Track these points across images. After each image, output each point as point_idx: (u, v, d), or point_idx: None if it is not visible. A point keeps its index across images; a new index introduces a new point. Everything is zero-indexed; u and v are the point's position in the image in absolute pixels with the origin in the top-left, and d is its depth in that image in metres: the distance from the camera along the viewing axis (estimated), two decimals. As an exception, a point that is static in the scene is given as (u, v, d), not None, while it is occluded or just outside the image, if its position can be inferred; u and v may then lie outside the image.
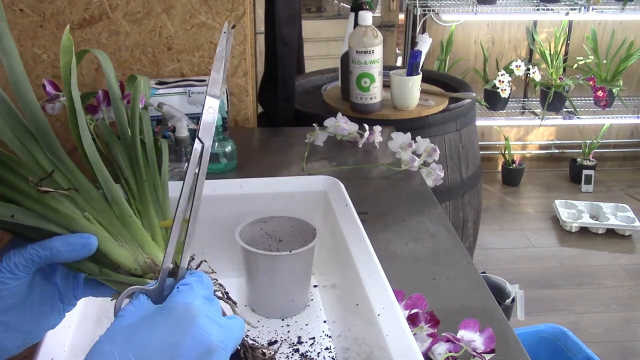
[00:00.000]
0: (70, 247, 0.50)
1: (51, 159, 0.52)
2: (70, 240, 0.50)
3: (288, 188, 0.99)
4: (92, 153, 0.56)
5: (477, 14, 3.04)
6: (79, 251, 0.51)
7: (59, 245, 0.50)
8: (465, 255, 1.05)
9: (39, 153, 0.52)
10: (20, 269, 0.49)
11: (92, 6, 1.44)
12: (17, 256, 0.49)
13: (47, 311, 0.54)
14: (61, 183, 0.52)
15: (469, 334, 0.79)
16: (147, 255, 0.56)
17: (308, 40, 2.53)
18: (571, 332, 1.75)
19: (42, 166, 0.52)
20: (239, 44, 1.52)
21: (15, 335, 0.51)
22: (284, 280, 0.88)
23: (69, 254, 0.50)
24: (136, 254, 0.55)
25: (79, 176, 0.54)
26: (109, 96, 0.67)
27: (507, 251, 2.88)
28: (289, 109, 1.77)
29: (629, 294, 2.60)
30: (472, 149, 1.95)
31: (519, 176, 3.50)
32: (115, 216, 0.55)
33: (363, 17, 1.68)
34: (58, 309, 0.55)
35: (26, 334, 0.52)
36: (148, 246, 0.56)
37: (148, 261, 0.56)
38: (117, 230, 0.55)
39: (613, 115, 3.36)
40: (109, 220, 0.55)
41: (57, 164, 0.52)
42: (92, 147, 0.56)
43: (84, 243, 0.51)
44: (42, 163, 0.52)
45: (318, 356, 0.83)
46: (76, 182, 0.53)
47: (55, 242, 0.50)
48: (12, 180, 0.51)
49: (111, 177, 0.57)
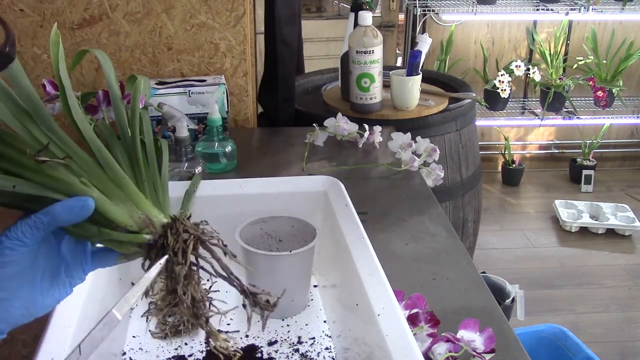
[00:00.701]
0: (70, 210, 0.54)
1: (46, 133, 0.56)
2: (68, 203, 0.54)
3: (288, 188, 0.99)
4: (84, 125, 0.59)
5: (477, 14, 3.04)
6: (77, 213, 0.54)
7: (59, 209, 0.53)
8: (465, 255, 1.05)
9: (34, 128, 0.56)
10: (27, 236, 0.53)
11: (92, 6, 1.44)
12: (22, 225, 0.53)
13: (51, 282, 0.57)
14: (57, 153, 0.56)
15: (469, 334, 0.79)
16: (141, 211, 0.59)
17: (308, 40, 2.53)
18: (571, 332, 1.75)
19: (38, 140, 0.56)
20: (239, 44, 1.52)
21: (20, 304, 0.54)
22: (284, 280, 0.88)
23: (68, 215, 0.54)
24: (131, 211, 0.59)
25: (73, 146, 0.57)
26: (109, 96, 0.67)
27: (507, 251, 2.88)
28: (289, 109, 1.77)
29: (629, 294, 2.60)
30: (472, 149, 1.95)
31: (519, 176, 3.50)
32: (110, 179, 0.59)
33: (363, 17, 1.68)
34: (63, 282, 0.58)
35: (29, 302, 0.55)
36: (142, 204, 0.60)
37: (143, 217, 0.59)
38: (112, 191, 0.58)
39: (613, 115, 3.36)
40: (104, 183, 0.58)
41: (52, 137, 0.56)
42: (83, 121, 0.59)
43: (82, 205, 0.54)
44: (39, 137, 0.56)
45: (318, 356, 0.83)
46: (71, 152, 0.57)
47: (55, 207, 0.53)
48: (11, 155, 0.55)
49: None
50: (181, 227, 0.59)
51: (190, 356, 0.83)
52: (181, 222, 0.59)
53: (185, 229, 0.59)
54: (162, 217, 0.60)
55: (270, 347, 0.84)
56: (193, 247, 0.59)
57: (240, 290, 0.61)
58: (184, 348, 0.84)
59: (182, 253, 0.58)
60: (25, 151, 0.54)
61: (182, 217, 0.60)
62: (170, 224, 0.59)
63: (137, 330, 0.87)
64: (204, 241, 0.60)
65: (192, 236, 0.59)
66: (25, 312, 0.55)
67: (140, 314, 0.90)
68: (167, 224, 0.59)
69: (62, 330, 0.66)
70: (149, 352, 0.84)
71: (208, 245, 0.60)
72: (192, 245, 0.59)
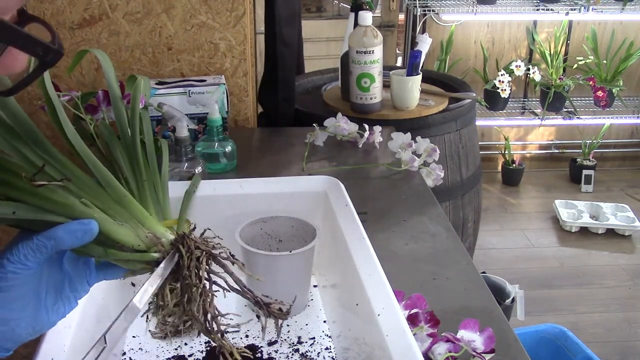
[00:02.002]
0: (73, 234, 0.52)
1: (41, 155, 0.54)
2: (71, 227, 0.53)
3: (288, 188, 0.99)
4: (78, 143, 0.57)
5: (477, 14, 3.04)
6: (81, 237, 0.53)
7: (61, 234, 0.52)
8: (465, 255, 1.05)
9: (29, 152, 0.54)
10: (30, 259, 0.52)
11: (92, 6, 1.44)
12: (25, 248, 0.51)
13: (55, 298, 0.56)
14: (54, 175, 0.54)
15: (469, 334, 0.79)
16: (147, 230, 0.58)
17: (308, 40, 2.53)
18: (571, 332, 1.75)
19: (33, 163, 0.54)
20: (239, 44, 1.52)
21: (26, 323, 0.53)
22: (284, 280, 0.88)
23: (72, 240, 0.53)
24: (137, 230, 0.57)
25: (70, 167, 0.56)
26: (109, 96, 0.67)
27: (507, 251, 2.88)
28: (289, 109, 1.77)
29: (629, 294, 2.60)
30: (472, 149, 1.95)
31: (519, 176, 3.50)
32: (111, 198, 0.57)
33: (363, 17, 1.68)
34: (67, 297, 0.57)
35: (35, 320, 0.54)
36: (148, 221, 0.58)
37: (150, 236, 0.57)
38: (115, 211, 0.57)
39: (613, 115, 3.36)
40: (106, 202, 0.56)
41: (47, 158, 0.54)
42: (76, 137, 0.58)
43: (85, 229, 0.53)
44: (33, 160, 0.54)
45: (318, 356, 0.83)
46: (68, 172, 0.55)
47: (57, 231, 0.52)
48: (8, 179, 0.53)
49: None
50: (192, 244, 0.58)
51: (190, 356, 0.83)
52: (190, 238, 0.58)
53: (197, 245, 0.58)
54: (169, 234, 0.59)
55: (270, 347, 0.84)
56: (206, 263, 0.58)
57: (254, 302, 0.61)
58: (184, 348, 0.84)
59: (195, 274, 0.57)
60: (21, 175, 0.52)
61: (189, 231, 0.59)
62: (180, 241, 0.58)
63: (137, 330, 0.87)
64: (215, 256, 0.59)
65: (203, 252, 0.58)
66: (31, 330, 0.54)
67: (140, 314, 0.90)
68: (176, 240, 0.58)
69: (62, 330, 0.66)
70: (149, 352, 0.83)
71: (220, 260, 0.59)
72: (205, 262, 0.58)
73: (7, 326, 0.52)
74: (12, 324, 0.52)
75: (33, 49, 0.43)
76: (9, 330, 0.52)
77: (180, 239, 0.58)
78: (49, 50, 0.43)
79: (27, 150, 0.54)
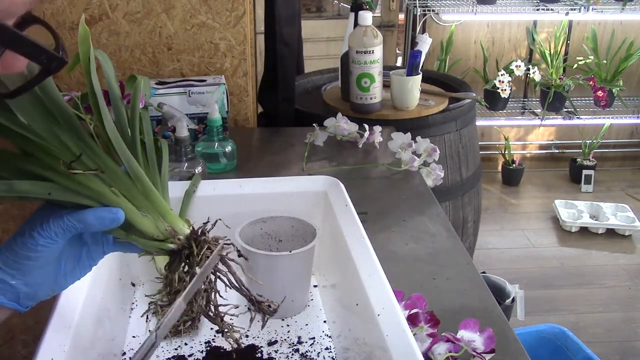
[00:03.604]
0: (101, 221, 0.58)
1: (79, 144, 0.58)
2: (101, 214, 0.58)
3: (288, 188, 0.99)
4: (115, 136, 0.61)
5: (477, 14, 3.04)
6: (109, 224, 0.58)
7: (91, 219, 0.57)
8: (465, 255, 1.05)
9: (67, 138, 0.58)
10: (60, 236, 0.57)
11: (92, 6, 1.44)
12: (56, 226, 0.56)
13: (73, 266, 0.61)
14: (89, 164, 0.58)
15: (469, 334, 0.79)
16: (167, 224, 0.63)
17: (308, 40, 2.53)
18: (571, 332, 1.75)
19: (70, 149, 0.58)
20: (239, 44, 1.52)
21: (47, 287, 0.59)
22: (284, 280, 0.88)
23: (100, 226, 0.58)
24: (158, 222, 0.62)
25: (104, 158, 0.60)
26: (109, 96, 0.67)
27: (507, 251, 2.88)
28: (289, 109, 1.77)
29: (629, 294, 2.60)
30: (472, 149, 1.95)
31: (519, 176, 3.50)
32: (139, 191, 0.61)
33: (363, 17, 1.68)
34: (84, 264, 0.62)
35: (54, 284, 0.60)
36: (168, 216, 0.63)
37: (169, 229, 0.63)
38: (141, 203, 0.61)
39: (613, 115, 3.36)
40: (133, 194, 0.61)
41: (84, 148, 0.58)
42: (114, 131, 0.61)
43: (112, 217, 0.58)
44: (71, 147, 0.58)
45: (318, 356, 0.83)
46: (102, 164, 0.59)
47: (88, 216, 0.57)
48: (46, 161, 0.57)
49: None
50: (205, 245, 0.63)
51: (190, 356, 0.83)
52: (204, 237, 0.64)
53: (209, 245, 0.64)
54: (186, 229, 0.64)
55: (270, 347, 0.84)
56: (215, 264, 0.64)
57: (249, 299, 0.66)
58: (184, 348, 0.84)
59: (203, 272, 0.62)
60: (59, 159, 0.56)
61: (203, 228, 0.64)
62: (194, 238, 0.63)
63: (137, 330, 0.87)
64: (223, 257, 0.64)
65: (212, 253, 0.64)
66: (50, 292, 0.60)
67: (140, 314, 0.90)
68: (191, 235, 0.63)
69: (62, 330, 0.66)
70: (149, 352, 0.83)
71: (226, 261, 0.65)
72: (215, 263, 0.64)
73: (31, 289, 0.58)
74: (36, 287, 0.58)
75: (37, 57, 0.44)
76: (32, 292, 0.58)
77: (194, 237, 0.63)
78: (53, 58, 0.45)
79: (66, 137, 0.57)
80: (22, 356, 1.51)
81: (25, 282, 0.57)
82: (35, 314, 0.65)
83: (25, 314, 0.60)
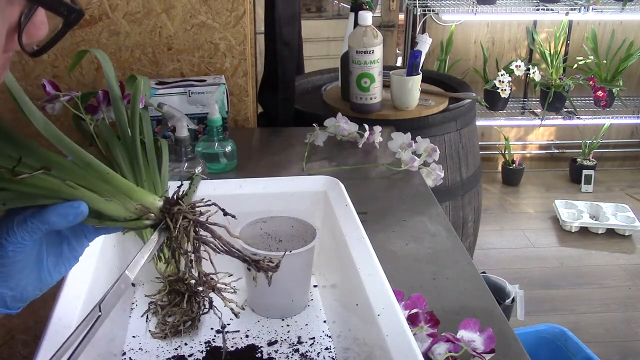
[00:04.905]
0: (64, 218, 0.56)
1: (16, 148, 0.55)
2: (62, 211, 0.56)
3: (288, 188, 0.99)
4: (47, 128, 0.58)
5: (477, 14, 3.04)
6: (73, 219, 0.56)
7: (54, 217, 0.56)
8: (465, 255, 1.05)
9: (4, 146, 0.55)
10: (27, 239, 0.55)
11: (92, 6, 1.44)
12: (20, 231, 0.55)
13: (56, 261, 0.60)
14: (34, 165, 0.56)
15: (469, 334, 0.79)
16: (135, 201, 0.60)
17: (308, 40, 2.53)
18: (571, 332, 1.75)
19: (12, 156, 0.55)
20: (239, 44, 1.52)
21: (33, 286, 0.58)
22: (284, 280, 0.88)
23: (65, 223, 0.56)
24: (125, 203, 0.60)
25: (48, 154, 0.57)
26: (109, 96, 0.67)
27: (507, 251, 2.88)
28: (289, 109, 1.77)
29: (629, 294, 2.60)
30: (472, 149, 1.95)
31: (519, 176, 3.50)
32: (95, 177, 0.59)
33: (363, 17, 1.68)
34: (67, 257, 0.61)
35: (40, 282, 0.59)
36: (134, 193, 0.60)
37: (139, 207, 0.60)
38: (101, 187, 0.59)
39: (613, 115, 3.36)
40: (90, 182, 0.58)
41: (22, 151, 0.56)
42: (45, 123, 0.58)
43: (75, 212, 0.56)
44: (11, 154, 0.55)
45: (318, 356, 0.83)
46: (47, 161, 0.57)
47: (50, 216, 0.56)
48: None
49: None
50: (180, 216, 0.60)
51: (190, 356, 0.83)
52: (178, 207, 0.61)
53: (184, 214, 0.61)
54: (157, 202, 0.61)
55: (270, 347, 0.84)
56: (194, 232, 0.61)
57: (243, 260, 0.64)
58: (184, 348, 0.84)
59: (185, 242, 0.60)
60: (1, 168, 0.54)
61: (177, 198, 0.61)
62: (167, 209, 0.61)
63: (137, 330, 0.87)
64: (202, 223, 0.62)
65: (190, 222, 0.61)
66: (38, 291, 0.59)
67: (140, 314, 0.90)
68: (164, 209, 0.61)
69: (62, 331, 0.66)
70: (149, 352, 0.83)
71: (207, 226, 0.62)
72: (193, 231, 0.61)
73: (16, 292, 0.57)
74: (20, 289, 0.57)
75: (58, 8, 0.47)
76: (18, 294, 0.57)
77: (167, 209, 0.61)
78: (72, 10, 0.47)
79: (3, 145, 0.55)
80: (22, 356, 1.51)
81: (8, 287, 0.56)
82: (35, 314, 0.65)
83: (25, 314, 0.60)
